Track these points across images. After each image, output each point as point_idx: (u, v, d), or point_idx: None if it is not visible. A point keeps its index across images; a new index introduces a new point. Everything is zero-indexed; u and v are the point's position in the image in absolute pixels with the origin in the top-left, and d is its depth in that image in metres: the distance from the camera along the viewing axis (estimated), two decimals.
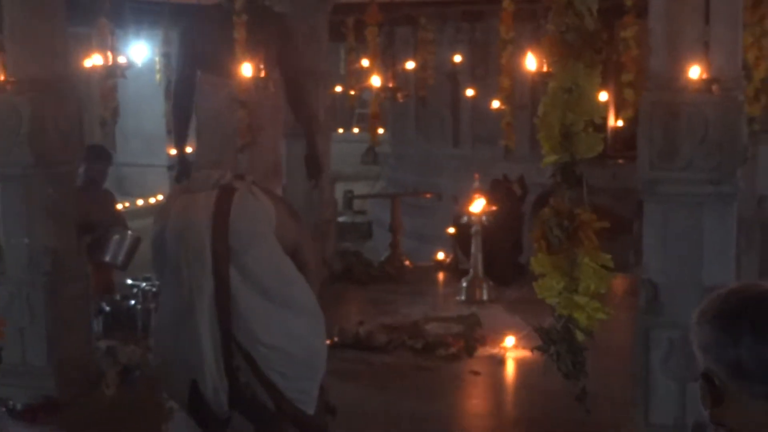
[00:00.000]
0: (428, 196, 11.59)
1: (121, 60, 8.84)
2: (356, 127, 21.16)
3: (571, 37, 3.68)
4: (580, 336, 3.99)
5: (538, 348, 4.35)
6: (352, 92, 10.29)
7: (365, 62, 9.28)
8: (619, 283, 8.30)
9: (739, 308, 2.10)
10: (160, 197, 7.25)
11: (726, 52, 4.61)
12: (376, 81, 8.75)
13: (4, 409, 5.59)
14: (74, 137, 5.98)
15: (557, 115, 3.75)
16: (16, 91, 5.65)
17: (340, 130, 21.62)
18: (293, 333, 4.59)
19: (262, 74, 6.37)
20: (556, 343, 4.01)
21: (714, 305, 2.14)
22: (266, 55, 6.38)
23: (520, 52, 7.99)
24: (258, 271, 4.51)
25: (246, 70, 6.17)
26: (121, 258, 7.36)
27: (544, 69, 5.85)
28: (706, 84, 4.50)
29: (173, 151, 7.44)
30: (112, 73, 8.56)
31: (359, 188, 17.45)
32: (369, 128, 9.14)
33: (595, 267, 3.91)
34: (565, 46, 3.70)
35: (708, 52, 4.54)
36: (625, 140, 10.67)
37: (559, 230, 3.89)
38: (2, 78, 5.60)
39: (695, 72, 4.49)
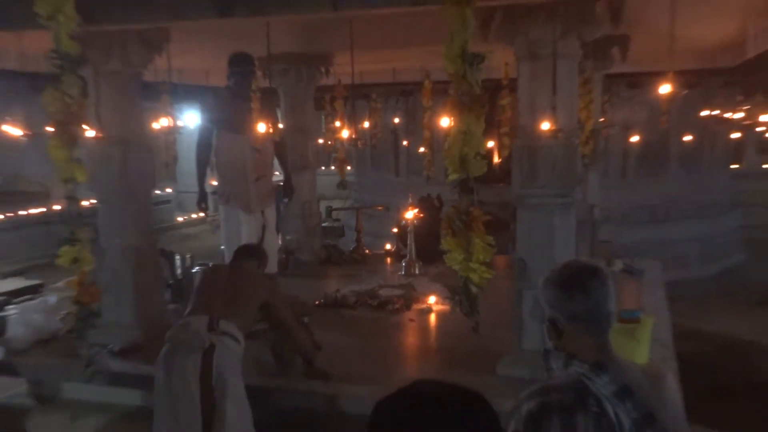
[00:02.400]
0: (380, 208, 11.56)
1: (179, 123, 8.79)
2: (332, 165, 21.06)
3: (465, 99, 3.72)
4: (474, 288, 4.04)
5: (448, 297, 4.40)
6: (330, 143, 10.28)
7: (337, 123, 9.30)
8: (502, 261, 8.36)
9: (572, 276, 2.15)
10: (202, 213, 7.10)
11: (567, 112, 4.65)
12: (344, 134, 8.73)
13: (106, 351, 5.52)
14: (148, 174, 5.92)
15: (457, 148, 3.78)
16: (108, 143, 5.57)
17: (322, 168, 21.59)
18: None
19: (270, 131, 6.35)
20: (459, 294, 4.07)
21: (554, 275, 2.18)
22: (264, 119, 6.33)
23: (437, 114, 8.04)
24: (234, 414, 3.96)
25: (260, 127, 6.14)
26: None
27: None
28: (554, 133, 4.54)
29: (214, 182, 7.37)
30: (172, 132, 8.57)
31: (336, 204, 17.30)
32: (338, 169, 9.14)
33: (483, 245, 3.96)
34: (461, 104, 3.74)
35: (555, 112, 4.58)
36: (505, 171, 10.71)
37: (459, 222, 3.94)
38: (100, 134, 5.52)
39: (546, 125, 4.54)
